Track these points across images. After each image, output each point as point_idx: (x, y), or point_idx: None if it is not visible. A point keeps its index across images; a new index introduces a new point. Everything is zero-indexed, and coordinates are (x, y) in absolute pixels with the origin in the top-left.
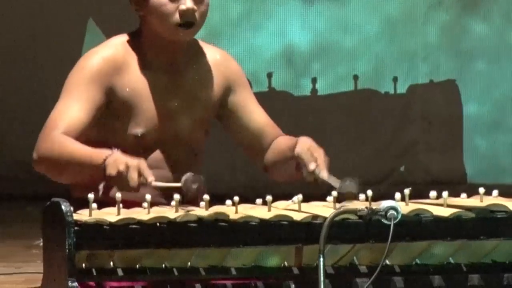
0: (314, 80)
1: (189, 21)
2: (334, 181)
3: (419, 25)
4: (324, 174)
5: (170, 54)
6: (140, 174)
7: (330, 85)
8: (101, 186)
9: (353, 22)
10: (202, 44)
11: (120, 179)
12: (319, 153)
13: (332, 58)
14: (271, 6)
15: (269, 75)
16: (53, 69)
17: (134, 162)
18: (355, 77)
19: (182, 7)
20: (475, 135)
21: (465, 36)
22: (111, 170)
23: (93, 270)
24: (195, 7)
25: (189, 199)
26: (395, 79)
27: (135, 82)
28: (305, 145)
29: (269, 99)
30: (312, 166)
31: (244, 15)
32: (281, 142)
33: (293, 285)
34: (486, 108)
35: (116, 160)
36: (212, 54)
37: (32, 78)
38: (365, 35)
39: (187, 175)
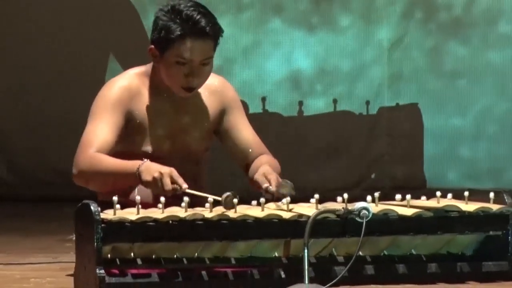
0: (300, 103)
1: (192, 87)
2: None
3: (400, 51)
4: (272, 188)
5: None
6: (173, 181)
7: (317, 106)
8: (135, 190)
9: (342, 51)
10: None
11: (155, 184)
12: (273, 176)
13: (327, 82)
14: (278, 36)
15: (263, 99)
16: (81, 93)
17: (166, 169)
18: (335, 101)
19: (192, 84)
20: (458, 144)
21: (446, 58)
22: (146, 177)
23: (117, 260)
24: (199, 85)
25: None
26: (367, 102)
27: (147, 107)
28: (262, 171)
29: (261, 121)
30: (264, 185)
31: (254, 44)
32: (259, 162)
33: (282, 272)
34: (467, 120)
35: (149, 168)
36: (212, 80)
37: (65, 101)
38: (352, 62)
39: (228, 194)
